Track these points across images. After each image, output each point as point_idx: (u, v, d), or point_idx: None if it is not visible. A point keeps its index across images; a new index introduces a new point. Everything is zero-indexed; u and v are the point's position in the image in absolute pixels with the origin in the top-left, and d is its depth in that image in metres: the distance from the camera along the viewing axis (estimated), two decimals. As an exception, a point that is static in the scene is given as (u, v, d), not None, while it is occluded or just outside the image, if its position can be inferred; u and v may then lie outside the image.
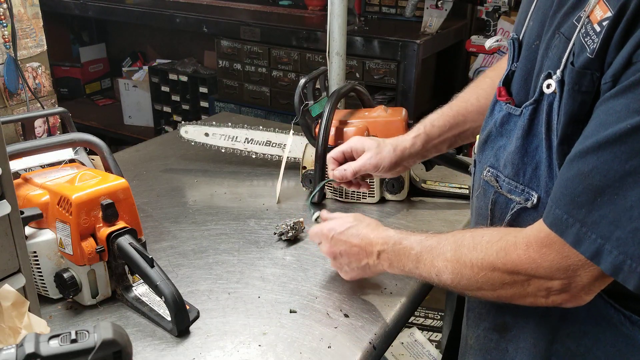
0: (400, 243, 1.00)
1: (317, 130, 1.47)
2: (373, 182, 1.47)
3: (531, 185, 0.88)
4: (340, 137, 1.49)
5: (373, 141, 1.25)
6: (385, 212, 1.49)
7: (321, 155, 1.46)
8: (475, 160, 1.04)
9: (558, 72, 0.80)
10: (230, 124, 1.72)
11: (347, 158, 1.28)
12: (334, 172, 1.26)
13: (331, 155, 1.28)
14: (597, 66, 0.75)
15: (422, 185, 1.55)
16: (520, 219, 0.90)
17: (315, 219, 1.23)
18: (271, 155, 1.69)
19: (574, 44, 0.78)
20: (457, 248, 0.91)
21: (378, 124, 1.49)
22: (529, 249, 0.81)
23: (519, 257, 0.82)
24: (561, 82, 0.80)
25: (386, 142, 1.24)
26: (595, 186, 0.73)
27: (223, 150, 1.73)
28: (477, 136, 1.04)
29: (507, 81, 0.95)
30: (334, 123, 1.48)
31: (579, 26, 0.77)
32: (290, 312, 1.11)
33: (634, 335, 0.85)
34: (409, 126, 1.52)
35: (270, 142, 1.68)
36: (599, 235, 0.73)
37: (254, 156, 1.71)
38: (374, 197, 1.51)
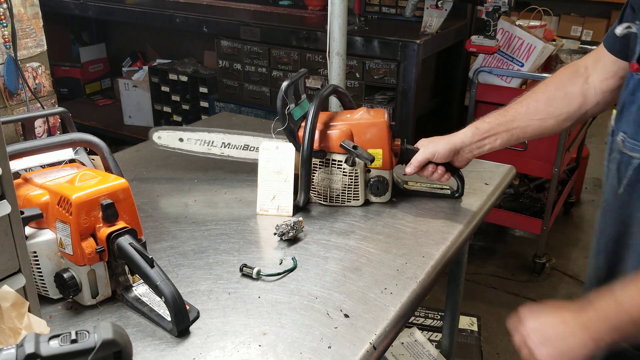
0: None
1: (299, 133, 1.46)
2: (451, 174, 1.51)
3: None
4: (324, 141, 1.46)
5: (431, 138, 1.46)
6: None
7: (307, 160, 1.43)
8: (612, 130, 1.17)
9: None
10: (207, 128, 1.64)
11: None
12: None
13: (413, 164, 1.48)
14: None
15: (405, 186, 1.55)
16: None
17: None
18: (251, 159, 1.61)
19: None
20: None
21: (361, 126, 1.47)
22: None
23: None
24: None
25: (443, 137, 1.44)
26: None
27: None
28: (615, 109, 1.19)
29: None
30: (318, 126, 1.45)
31: None
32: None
33: None
34: (391, 128, 1.50)
35: (248, 146, 1.62)
36: None
37: (231, 160, 1.64)
38: (358, 200, 1.50)
